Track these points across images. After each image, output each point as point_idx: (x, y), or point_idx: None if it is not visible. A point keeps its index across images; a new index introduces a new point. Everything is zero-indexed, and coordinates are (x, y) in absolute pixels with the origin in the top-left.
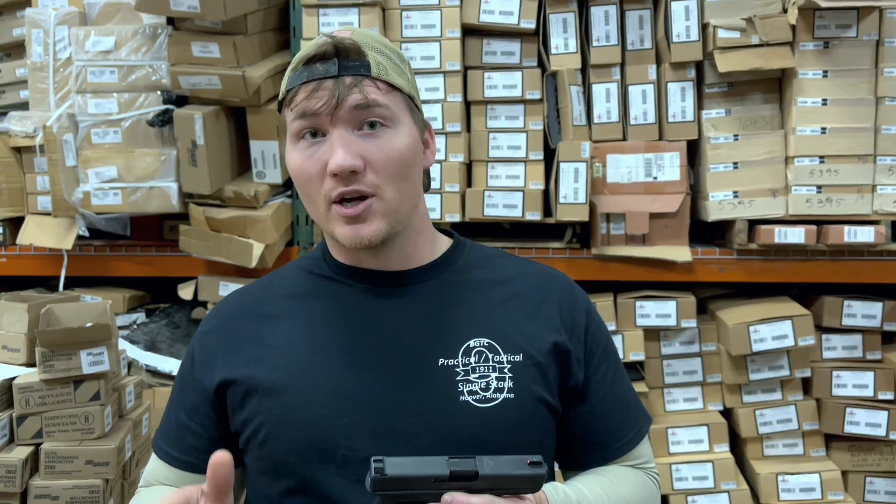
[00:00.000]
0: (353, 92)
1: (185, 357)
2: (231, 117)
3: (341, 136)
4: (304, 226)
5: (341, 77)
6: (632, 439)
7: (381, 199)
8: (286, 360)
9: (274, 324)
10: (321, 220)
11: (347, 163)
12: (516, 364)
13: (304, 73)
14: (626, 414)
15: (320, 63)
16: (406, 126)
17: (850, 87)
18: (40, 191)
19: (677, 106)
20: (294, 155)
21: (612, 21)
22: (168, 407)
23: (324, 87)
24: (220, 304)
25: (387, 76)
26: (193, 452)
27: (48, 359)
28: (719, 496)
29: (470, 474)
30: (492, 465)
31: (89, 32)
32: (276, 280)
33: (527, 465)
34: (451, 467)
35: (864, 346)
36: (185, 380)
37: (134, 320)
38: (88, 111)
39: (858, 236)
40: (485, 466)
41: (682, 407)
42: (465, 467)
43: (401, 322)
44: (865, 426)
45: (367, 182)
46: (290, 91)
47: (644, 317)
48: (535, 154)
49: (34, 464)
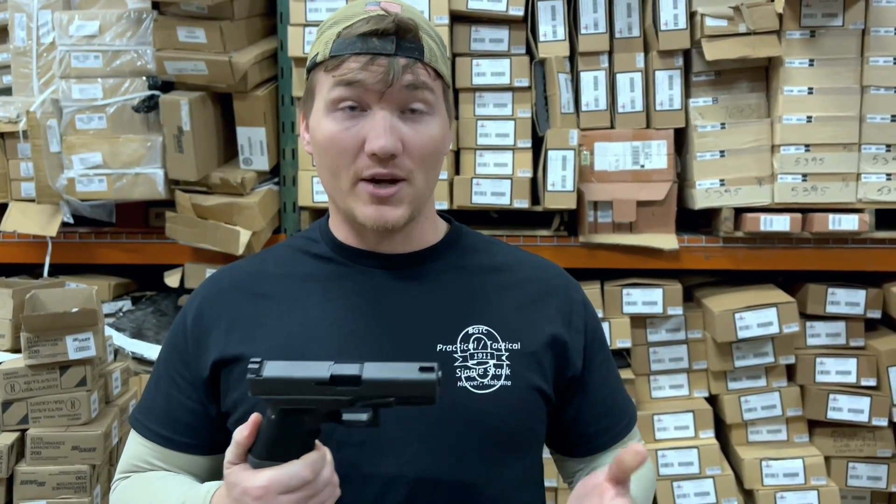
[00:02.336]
0: (405, 74)
1: (172, 333)
2: (217, 103)
3: (386, 117)
4: (292, 213)
5: (396, 56)
6: (626, 426)
7: (412, 185)
8: (281, 342)
9: (270, 304)
10: (341, 195)
11: (391, 145)
12: (514, 352)
13: (357, 43)
14: (621, 402)
15: (378, 38)
16: (442, 115)
17: (835, 75)
18: (24, 177)
19: (665, 94)
20: (328, 124)
21: (601, 9)
22: (153, 385)
23: (378, 63)
24: (210, 279)
25: (436, 63)
26: (186, 431)
27: (33, 344)
28: (704, 481)
29: (352, 378)
30: (377, 370)
31: (73, 17)
32: (270, 259)
33: (417, 371)
34: (332, 371)
35: (847, 333)
36: (174, 357)
37: (120, 308)
38: (73, 97)
39: (843, 224)
40: (370, 370)
41: (667, 394)
42: (346, 371)
43: (400, 306)
44: (848, 412)
45: (402, 166)
46: (336, 58)
47: (631, 304)
48: (523, 142)
49: (20, 449)
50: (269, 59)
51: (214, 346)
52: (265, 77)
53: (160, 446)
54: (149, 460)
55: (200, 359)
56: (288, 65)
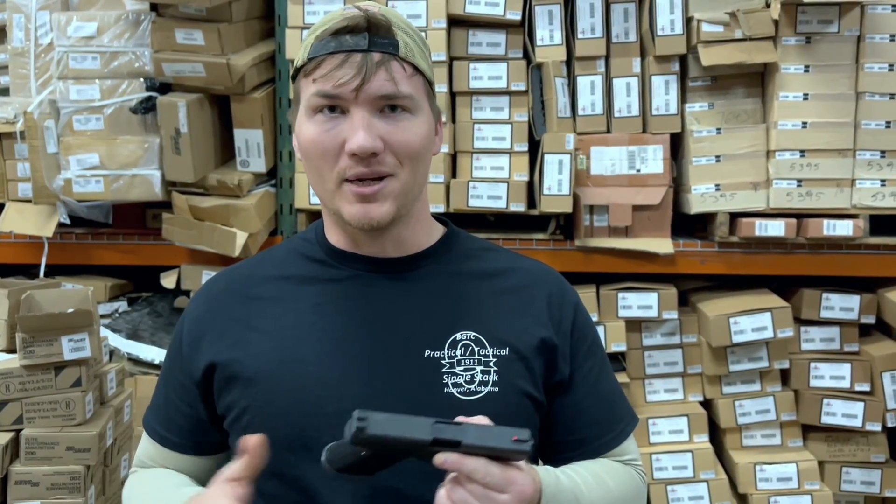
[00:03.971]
0: (379, 70)
1: (173, 335)
2: (215, 105)
3: (364, 117)
4: (288, 215)
5: (370, 52)
6: (614, 438)
7: (396, 180)
8: (272, 346)
9: (262, 306)
10: (327, 196)
11: (369, 144)
12: (502, 358)
13: (330, 43)
14: (609, 412)
15: (350, 35)
16: (425, 113)
17: (830, 81)
18: (21, 177)
19: (661, 99)
20: (309, 127)
21: (598, 13)
22: (161, 384)
23: (351, 61)
24: (209, 282)
25: (413, 58)
26: (179, 432)
27: (28, 344)
28: (698, 485)
29: (452, 443)
30: (476, 436)
31: (71, 18)
32: (267, 260)
33: (512, 441)
34: (434, 434)
35: (841, 338)
36: (173, 359)
37: (116, 309)
38: (70, 97)
39: (837, 230)
40: (468, 436)
41: (662, 398)
42: (448, 435)
43: (390, 311)
44: (842, 417)
45: (386, 163)
46: (313, 60)
47: (626, 308)
48: (519, 145)
49: (14, 450)
50: (266, 61)
51: (207, 350)
52: (263, 79)
53: (160, 445)
54: (152, 458)
55: (194, 363)
56: (286, 67)
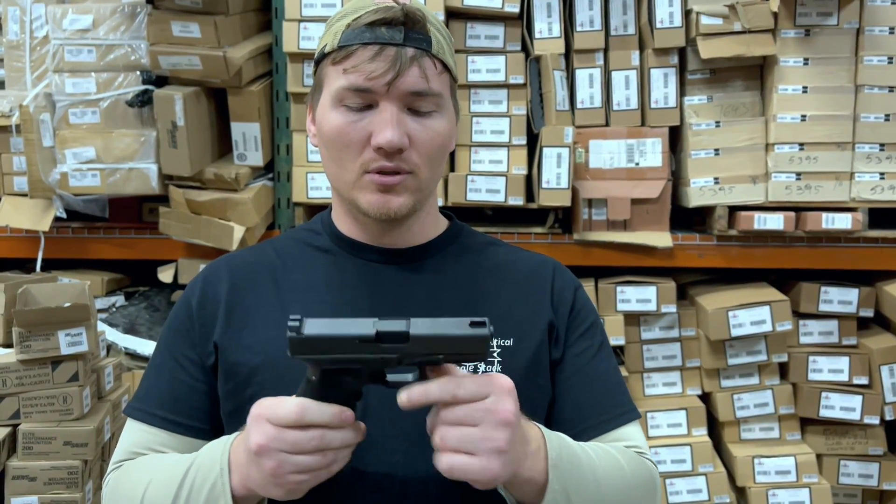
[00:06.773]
0: (412, 66)
1: (174, 318)
2: (212, 98)
3: (394, 112)
4: (286, 209)
5: (404, 47)
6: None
7: (416, 177)
8: (278, 335)
9: (268, 295)
10: (346, 185)
11: (397, 140)
12: (507, 349)
13: (365, 34)
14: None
15: (386, 28)
16: (449, 111)
17: (829, 74)
18: (16, 171)
19: (660, 92)
20: (335, 116)
21: (596, 6)
22: (154, 372)
23: (385, 54)
24: (211, 265)
25: (443, 55)
26: (197, 415)
27: (25, 339)
28: (697, 479)
29: (399, 335)
30: (426, 326)
31: (66, 10)
32: (271, 250)
33: (467, 326)
34: (378, 327)
35: (839, 331)
36: (181, 338)
37: (113, 303)
38: (66, 91)
39: (836, 223)
40: (417, 326)
41: (661, 391)
42: (393, 327)
43: (398, 300)
44: (840, 410)
45: (409, 161)
46: (344, 48)
47: (625, 302)
48: (518, 139)
49: (12, 444)
50: (263, 54)
51: (217, 330)
52: (260, 72)
53: (167, 431)
54: (152, 447)
55: (208, 340)
56: (283, 60)
